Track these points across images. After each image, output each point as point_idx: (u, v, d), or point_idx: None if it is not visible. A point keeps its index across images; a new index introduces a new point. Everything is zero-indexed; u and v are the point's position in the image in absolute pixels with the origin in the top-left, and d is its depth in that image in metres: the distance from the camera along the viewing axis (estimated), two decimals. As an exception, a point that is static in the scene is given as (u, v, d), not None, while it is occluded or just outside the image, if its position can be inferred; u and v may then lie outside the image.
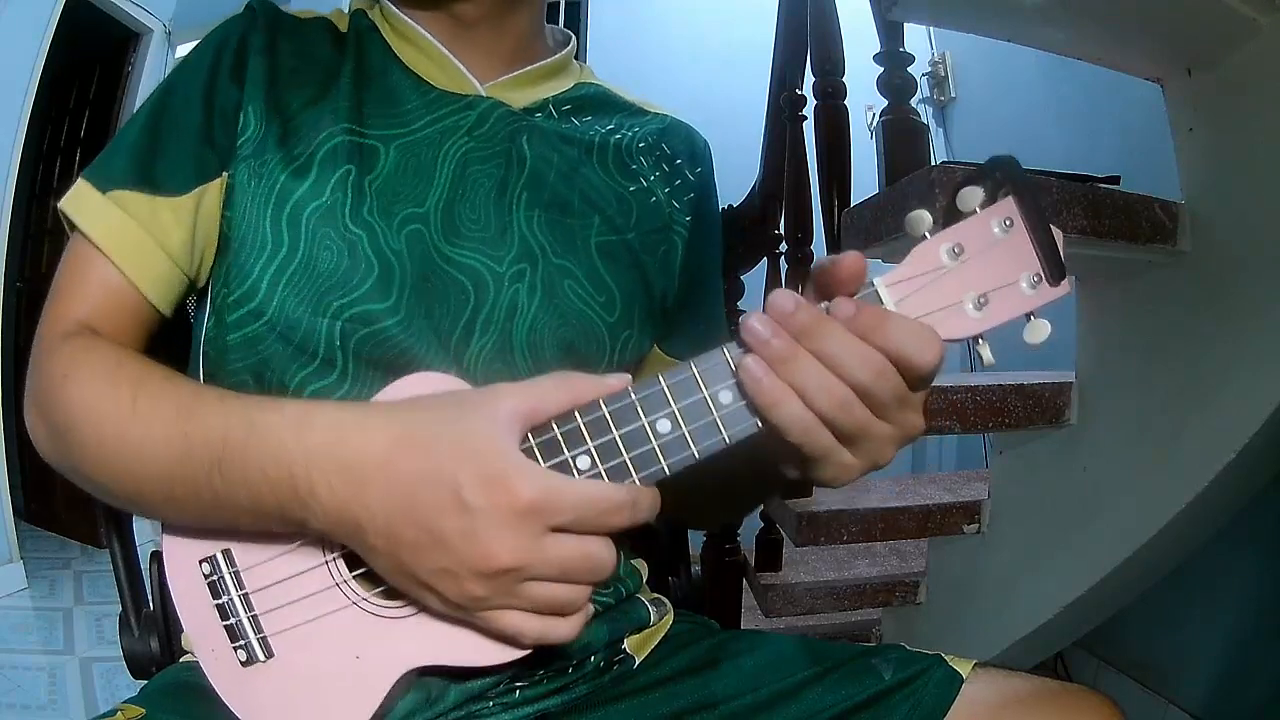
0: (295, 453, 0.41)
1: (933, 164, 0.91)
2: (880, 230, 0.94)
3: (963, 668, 0.52)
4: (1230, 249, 0.88)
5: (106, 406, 0.46)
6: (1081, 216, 0.86)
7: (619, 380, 0.42)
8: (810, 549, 1.44)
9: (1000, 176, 0.40)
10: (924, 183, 0.84)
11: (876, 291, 0.41)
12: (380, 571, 0.43)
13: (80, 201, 0.53)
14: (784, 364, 0.38)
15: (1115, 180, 0.95)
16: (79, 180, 0.54)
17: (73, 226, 0.53)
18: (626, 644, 0.58)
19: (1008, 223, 0.40)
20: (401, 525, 0.40)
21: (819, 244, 1.28)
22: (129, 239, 0.52)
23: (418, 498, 0.39)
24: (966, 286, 0.40)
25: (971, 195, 0.40)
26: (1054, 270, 0.40)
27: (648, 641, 0.60)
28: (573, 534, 0.40)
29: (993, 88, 2.66)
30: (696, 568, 0.78)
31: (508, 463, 0.39)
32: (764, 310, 0.39)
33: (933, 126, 2.86)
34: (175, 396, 0.45)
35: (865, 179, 1.23)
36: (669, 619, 0.63)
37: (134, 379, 0.46)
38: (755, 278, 1.59)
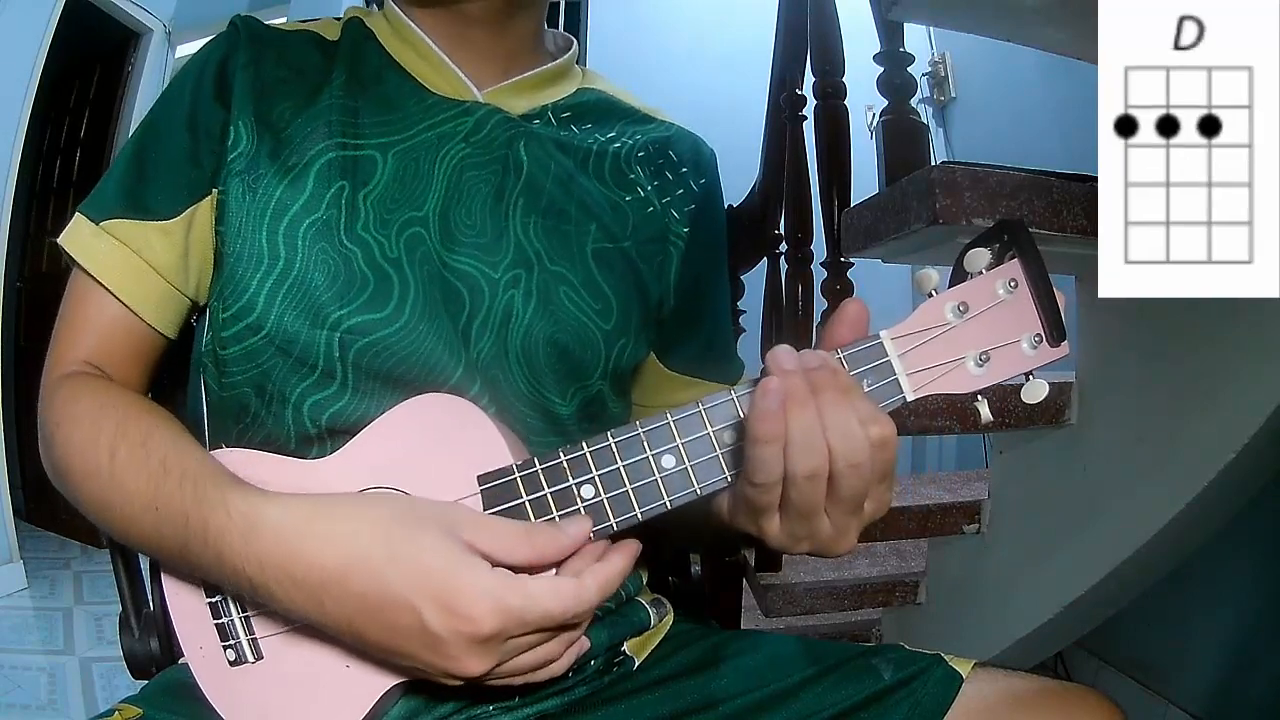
0: (247, 557, 0.41)
1: (933, 164, 0.91)
2: (880, 230, 0.94)
3: (962, 667, 0.51)
4: (1230, 249, 0.87)
5: (88, 466, 0.47)
6: (1081, 216, 0.86)
7: (579, 529, 0.42)
8: (810, 549, 1.44)
9: (1008, 239, 0.41)
10: (924, 183, 0.84)
11: (881, 344, 0.41)
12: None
13: (75, 235, 0.54)
14: (793, 406, 0.38)
15: (1115, 180, 0.95)
16: (75, 215, 0.55)
17: (72, 261, 0.54)
18: (626, 645, 0.58)
19: (1012, 284, 0.41)
20: (365, 629, 0.40)
21: (819, 244, 1.27)
22: (120, 264, 0.53)
23: (378, 614, 0.40)
24: (969, 344, 0.41)
25: (978, 257, 0.42)
26: (1055, 332, 0.40)
27: (648, 642, 0.60)
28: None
29: (993, 88, 2.66)
30: (696, 568, 0.78)
31: (465, 586, 0.38)
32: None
33: (933, 126, 2.86)
34: (145, 467, 0.45)
35: (865, 179, 1.22)
36: (669, 619, 0.63)
37: (111, 437, 0.47)
38: (755, 278, 1.58)
